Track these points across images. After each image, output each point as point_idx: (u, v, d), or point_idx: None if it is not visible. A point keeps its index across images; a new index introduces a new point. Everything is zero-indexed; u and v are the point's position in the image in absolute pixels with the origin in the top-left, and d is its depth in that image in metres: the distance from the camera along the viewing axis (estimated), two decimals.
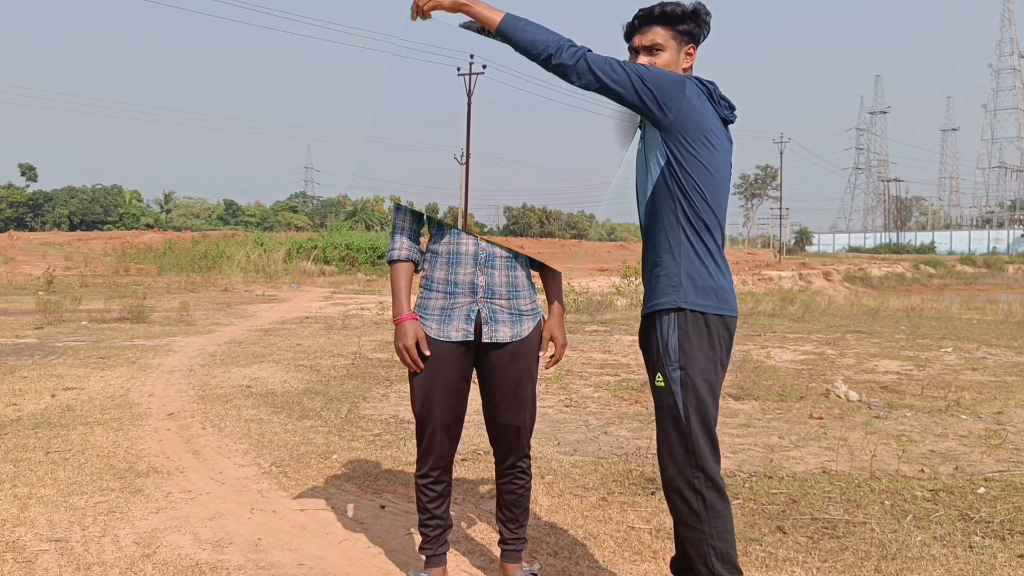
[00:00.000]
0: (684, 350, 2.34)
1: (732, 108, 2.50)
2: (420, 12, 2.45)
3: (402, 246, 2.76)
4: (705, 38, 2.53)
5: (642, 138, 2.50)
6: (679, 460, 2.36)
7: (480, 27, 2.49)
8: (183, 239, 39.09)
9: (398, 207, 2.78)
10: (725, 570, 2.37)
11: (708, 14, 2.49)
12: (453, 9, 2.38)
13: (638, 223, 2.56)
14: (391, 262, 2.77)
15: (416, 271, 2.81)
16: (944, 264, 56.33)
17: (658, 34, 2.45)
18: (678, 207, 2.37)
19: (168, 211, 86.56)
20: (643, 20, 2.48)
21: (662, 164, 2.38)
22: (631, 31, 2.52)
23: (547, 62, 2.32)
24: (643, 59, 2.47)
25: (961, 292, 34.20)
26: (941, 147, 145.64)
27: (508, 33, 2.32)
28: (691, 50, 2.50)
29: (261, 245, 31.93)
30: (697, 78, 2.45)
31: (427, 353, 2.69)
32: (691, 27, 2.47)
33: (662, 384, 2.38)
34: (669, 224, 2.38)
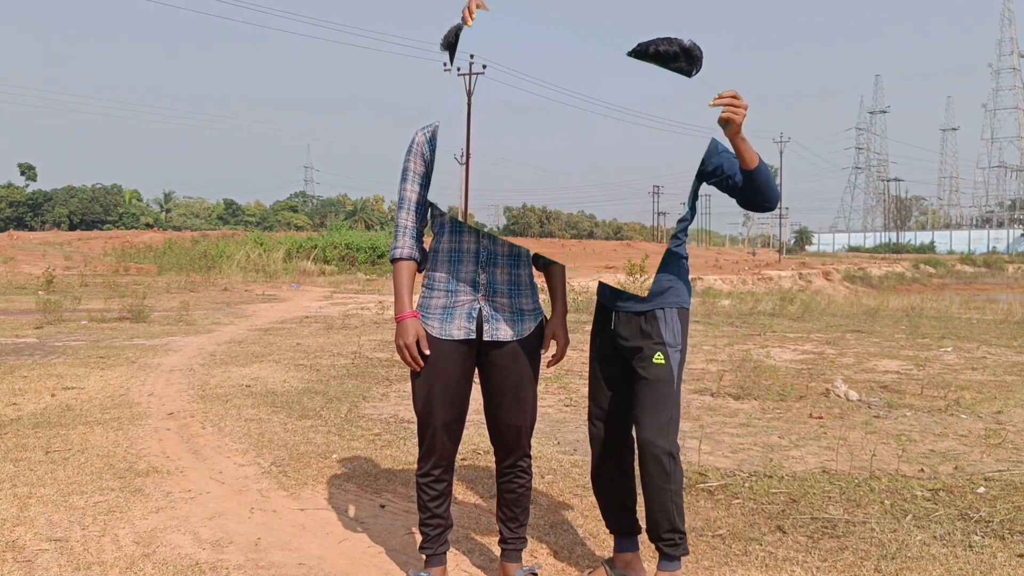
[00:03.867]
0: (684, 335, 2.81)
1: None
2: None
3: (404, 244, 2.76)
4: (697, 72, 2.71)
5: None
6: (667, 430, 2.71)
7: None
8: (183, 239, 39.12)
9: (401, 202, 2.78)
10: (681, 524, 2.76)
11: (683, 50, 2.64)
12: (734, 131, 2.49)
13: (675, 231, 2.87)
14: (394, 260, 2.76)
15: (419, 270, 2.81)
16: (944, 264, 56.38)
17: None
18: (689, 235, 2.95)
19: (168, 211, 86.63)
20: (632, 54, 2.70)
21: (693, 207, 2.84)
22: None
23: (771, 207, 2.67)
24: None
25: (961, 292, 34.23)
26: (941, 147, 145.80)
27: (760, 172, 2.57)
28: None
29: (261, 245, 31.91)
30: None
31: (427, 351, 2.69)
32: (681, 65, 2.65)
33: (662, 361, 2.73)
34: (684, 244, 2.90)
